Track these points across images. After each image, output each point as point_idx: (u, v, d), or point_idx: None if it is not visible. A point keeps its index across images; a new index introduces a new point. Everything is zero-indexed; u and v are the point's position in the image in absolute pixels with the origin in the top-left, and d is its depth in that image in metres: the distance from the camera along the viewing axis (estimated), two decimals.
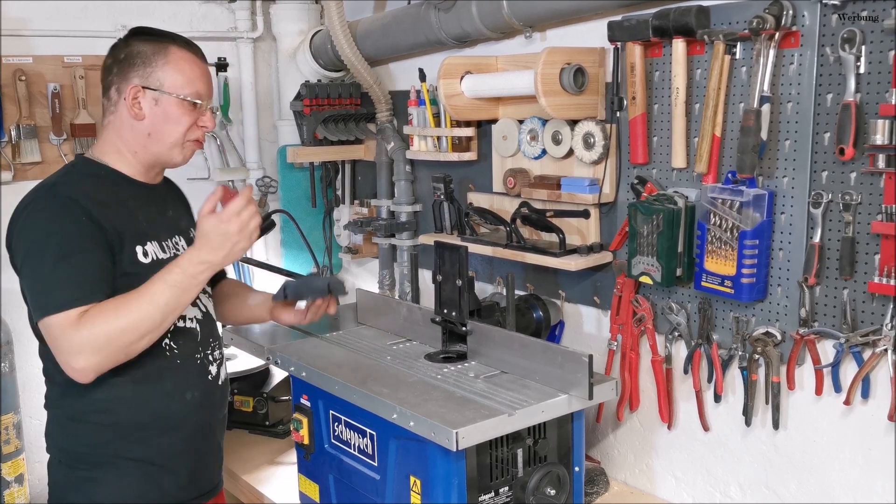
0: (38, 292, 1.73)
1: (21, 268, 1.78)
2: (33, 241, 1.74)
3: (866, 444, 1.84)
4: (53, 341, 1.71)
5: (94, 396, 1.80)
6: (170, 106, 1.84)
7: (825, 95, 1.77)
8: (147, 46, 1.84)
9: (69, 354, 1.68)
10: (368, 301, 2.47)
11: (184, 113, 1.85)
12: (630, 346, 2.23)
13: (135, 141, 1.86)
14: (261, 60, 3.35)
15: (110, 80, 1.86)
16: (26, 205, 1.79)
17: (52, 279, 1.71)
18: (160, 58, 1.83)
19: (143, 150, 1.87)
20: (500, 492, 1.85)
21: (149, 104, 1.83)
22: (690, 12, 1.89)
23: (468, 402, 1.81)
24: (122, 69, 1.84)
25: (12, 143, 2.83)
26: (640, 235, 2.06)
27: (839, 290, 1.80)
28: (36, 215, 1.76)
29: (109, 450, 1.85)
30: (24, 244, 1.75)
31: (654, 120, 2.10)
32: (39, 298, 1.73)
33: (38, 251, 1.73)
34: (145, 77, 1.82)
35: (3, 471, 2.71)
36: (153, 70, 1.82)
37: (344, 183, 3.24)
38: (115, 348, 1.70)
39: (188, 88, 1.84)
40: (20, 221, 1.78)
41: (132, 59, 1.84)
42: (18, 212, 1.80)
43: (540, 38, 2.40)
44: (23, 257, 1.76)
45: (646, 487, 2.34)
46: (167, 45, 1.85)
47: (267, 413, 2.71)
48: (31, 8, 2.85)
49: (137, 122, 1.84)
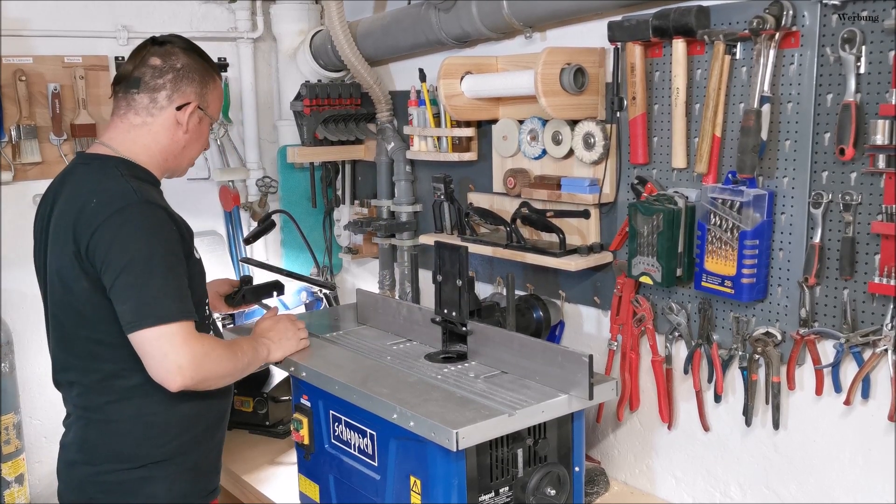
0: (149, 302, 1.74)
1: (120, 275, 1.74)
2: (137, 250, 1.74)
3: (866, 444, 1.84)
4: (167, 347, 1.73)
5: (157, 397, 1.84)
6: (205, 127, 1.99)
7: (825, 95, 1.77)
8: (200, 66, 1.93)
9: (180, 361, 1.73)
10: (368, 301, 2.47)
11: (207, 132, 2.01)
12: (630, 347, 2.23)
13: (171, 150, 1.94)
14: (261, 60, 3.35)
15: (161, 83, 1.88)
16: (115, 211, 1.76)
17: (165, 290, 1.75)
18: (211, 81, 1.96)
19: (172, 159, 1.96)
20: (501, 492, 1.85)
21: (195, 121, 1.93)
22: (690, 12, 1.89)
23: (468, 403, 1.81)
24: (178, 79, 1.89)
25: (12, 143, 2.83)
26: (640, 235, 2.06)
27: (839, 290, 1.80)
28: (135, 224, 1.76)
29: (169, 451, 1.89)
30: (125, 253, 1.74)
31: (655, 120, 2.10)
32: (153, 308, 1.73)
33: (143, 261, 1.74)
34: (201, 96, 1.93)
35: (3, 471, 2.71)
36: (207, 92, 1.94)
37: (344, 183, 3.24)
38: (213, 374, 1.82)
39: (217, 112, 2.02)
40: (110, 230, 1.75)
41: (191, 73, 1.91)
42: (101, 218, 1.76)
43: (540, 39, 2.40)
44: (126, 265, 1.74)
45: (646, 487, 2.34)
46: (212, 68, 1.97)
47: (267, 413, 2.71)
48: (31, 8, 2.85)
49: (182, 134, 1.92)
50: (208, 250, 3.28)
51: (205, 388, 1.82)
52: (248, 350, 1.98)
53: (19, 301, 2.85)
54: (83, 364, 1.87)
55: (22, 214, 2.89)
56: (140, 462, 1.87)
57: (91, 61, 2.95)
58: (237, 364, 1.91)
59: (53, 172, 2.88)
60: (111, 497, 1.88)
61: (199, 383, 1.78)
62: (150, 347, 1.74)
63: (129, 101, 1.90)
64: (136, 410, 1.86)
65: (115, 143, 1.91)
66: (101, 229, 1.75)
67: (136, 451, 1.87)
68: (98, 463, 1.88)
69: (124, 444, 1.87)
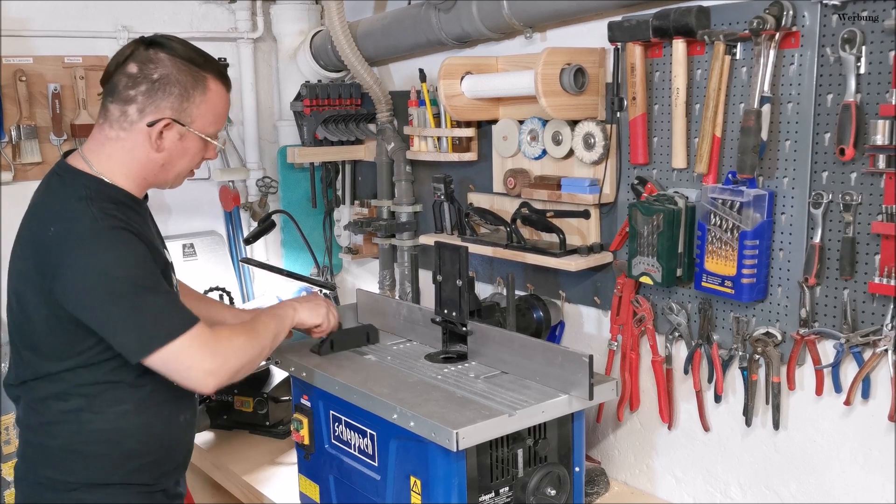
0: (152, 323, 1.66)
1: (107, 310, 1.66)
2: (116, 279, 1.65)
3: (866, 444, 1.84)
4: (188, 359, 1.68)
5: (95, 427, 1.77)
6: (192, 143, 1.78)
7: (825, 96, 1.77)
8: (186, 77, 1.73)
9: (206, 366, 1.69)
10: (369, 301, 2.47)
11: (200, 149, 1.81)
12: (630, 347, 2.23)
13: (149, 167, 1.78)
14: (261, 61, 3.35)
15: (132, 96, 1.71)
16: (76, 246, 1.65)
17: (161, 306, 1.68)
18: (198, 93, 1.74)
19: (152, 177, 1.81)
20: (501, 492, 1.85)
21: (173, 138, 1.75)
22: (691, 13, 1.89)
23: (468, 403, 1.81)
24: (153, 92, 1.71)
25: (12, 143, 2.84)
26: (640, 236, 2.06)
27: (839, 290, 1.80)
28: (101, 255, 1.65)
29: (106, 476, 1.80)
30: (105, 288, 1.65)
31: (655, 120, 2.10)
32: (158, 328, 1.66)
33: (128, 289, 1.65)
34: (179, 111, 1.73)
35: (3, 471, 2.71)
36: (189, 105, 1.73)
37: (344, 183, 3.24)
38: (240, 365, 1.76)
39: (213, 127, 1.80)
40: (79, 270, 1.65)
41: (168, 86, 1.71)
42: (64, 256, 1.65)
43: (540, 39, 2.40)
44: (109, 299, 1.65)
45: (646, 487, 2.34)
46: (205, 77, 1.75)
47: (267, 413, 2.71)
48: (31, 8, 2.86)
49: (156, 152, 1.75)
50: (208, 250, 3.29)
51: (242, 376, 1.78)
52: (270, 321, 1.92)
53: None
54: (29, 381, 1.80)
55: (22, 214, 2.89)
56: (73, 486, 1.78)
57: (91, 61, 2.96)
58: (263, 341, 1.85)
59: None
60: None
61: (233, 376, 1.74)
62: (172, 364, 1.68)
63: (104, 110, 1.76)
64: (71, 434, 1.77)
65: (91, 158, 1.76)
66: (67, 269, 1.65)
67: (72, 477, 1.78)
68: (34, 481, 1.82)
69: (62, 471, 1.78)
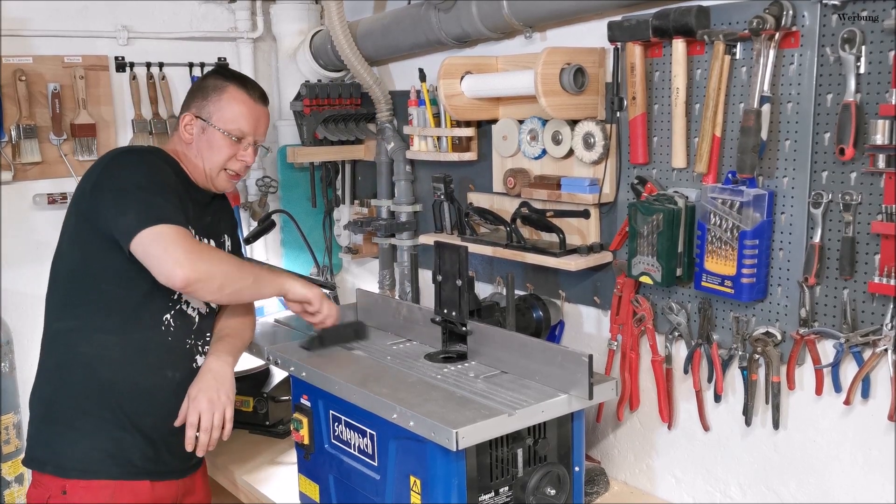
0: (146, 209, 1.89)
1: (116, 191, 1.92)
2: (134, 173, 1.95)
3: (866, 444, 1.84)
4: (165, 246, 1.86)
5: (80, 349, 1.99)
6: (213, 136, 2.11)
7: (825, 95, 1.77)
8: (212, 82, 2.14)
9: (177, 255, 1.86)
10: (368, 301, 2.47)
11: (226, 145, 2.11)
12: (630, 346, 2.23)
13: (187, 156, 2.14)
14: (261, 60, 3.35)
15: (182, 104, 2.18)
16: (114, 156, 2.02)
17: (165, 202, 1.92)
18: (217, 94, 2.11)
19: (192, 166, 2.14)
20: (500, 492, 1.85)
21: (196, 131, 2.12)
22: (690, 12, 1.89)
23: (468, 402, 1.81)
24: (188, 97, 2.16)
25: (12, 143, 2.83)
26: (640, 235, 2.06)
27: (839, 290, 1.80)
28: (133, 160, 2.00)
29: (86, 405, 1.98)
30: (121, 178, 1.94)
31: (655, 120, 2.10)
32: (150, 212, 1.89)
33: (139, 181, 1.93)
34: (200, 108, 2.12)
35: (3, 471, 2.71)
36: (207, 103, 2.11)
37: (344, 183, 3.24)
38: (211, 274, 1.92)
39: (232, 124, 2.11)
40: (108, 167, 1.98)
41: (197, 91, 2.15)
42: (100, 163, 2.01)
43: (540, 38, 2.40)
44: (121, 184, 1.93)
45: (646, 487, 2.34)
46: (227, 84, 2.13)
47: (267, 413, 2.71)
48: (31, 8, 2.85)
49: (186, 144, 2.13)
50: None
51: (212, 287, 1.93)
52: (261, 271, 2.12)
53: (19, 301, 2.85)
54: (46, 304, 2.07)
55: (22, 214, 2.90)
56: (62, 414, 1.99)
57: (91, 61, 2.96)
58: (242, 272, 2.01)
59: (53, 172, 2.92)
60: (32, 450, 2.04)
61: (201, 277, 1.88)
62: (151, 248, 1.86)
63: None
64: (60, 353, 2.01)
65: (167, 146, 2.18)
66: (98, 170, 1.99)
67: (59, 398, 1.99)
68: (35, 415, 2.05)
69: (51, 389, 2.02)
